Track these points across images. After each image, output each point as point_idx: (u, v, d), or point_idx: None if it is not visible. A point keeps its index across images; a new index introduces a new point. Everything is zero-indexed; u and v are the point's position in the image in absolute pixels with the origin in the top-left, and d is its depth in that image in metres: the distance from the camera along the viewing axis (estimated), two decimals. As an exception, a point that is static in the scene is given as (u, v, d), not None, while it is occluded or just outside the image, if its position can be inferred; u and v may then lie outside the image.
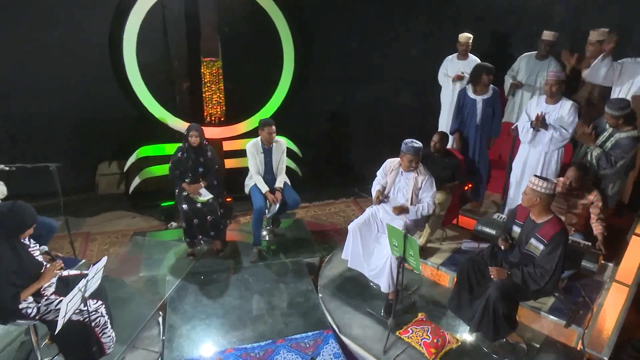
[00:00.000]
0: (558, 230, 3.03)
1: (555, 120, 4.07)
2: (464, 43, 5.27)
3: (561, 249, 3.02)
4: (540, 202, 3.10)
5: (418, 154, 3.79)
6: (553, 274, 3.04)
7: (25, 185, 4.58)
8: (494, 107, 4.76)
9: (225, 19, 5.59)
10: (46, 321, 2.93)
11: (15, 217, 2.81)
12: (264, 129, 4.59)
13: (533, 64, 5.17)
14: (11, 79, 5.39)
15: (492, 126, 4.81)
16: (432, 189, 3.86)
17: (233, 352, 3.49)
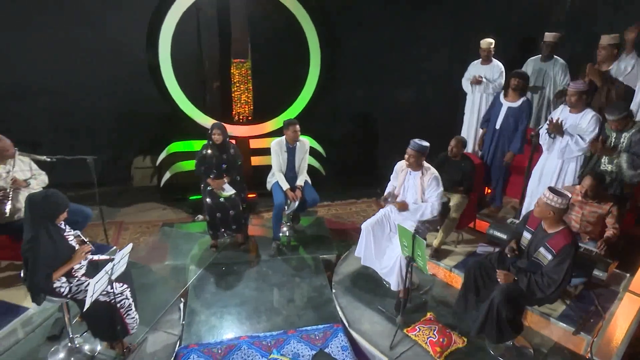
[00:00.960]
0: (568, 243, 3.04)
1: (574, 128, 4.06)
2: (485, 48, 5.28)
3: (569, 261, 3.04)
4: (553, 215, 3.12)
5: (419, 151, 3.88)
6: (560, 284, 3.07)
7: (65, 175, 4.91)
8: (518, 120, 4.69)
9: (255, 23, 5.81)
10: (77, 300, 3.21)
11: (49, 203, 3.09)
12: (288, 128, 4.78)
13: (539, 66, 5.17)
14: (57, 76, 5.81)
15: (512, 139, 4.76)
16: (437, 188, 3.93)
17: (247, 339, 3.70)
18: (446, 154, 4.57)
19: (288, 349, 3.60)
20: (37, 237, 3.04)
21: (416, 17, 6.65)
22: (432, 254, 4.53)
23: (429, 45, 6.82)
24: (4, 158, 3.85)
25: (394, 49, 6.75)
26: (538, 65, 5.23)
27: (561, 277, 3.04)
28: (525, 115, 4.67)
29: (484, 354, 3.58)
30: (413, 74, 6.90)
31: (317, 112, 6.38)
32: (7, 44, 5.56)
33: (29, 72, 5.73)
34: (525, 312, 3.87)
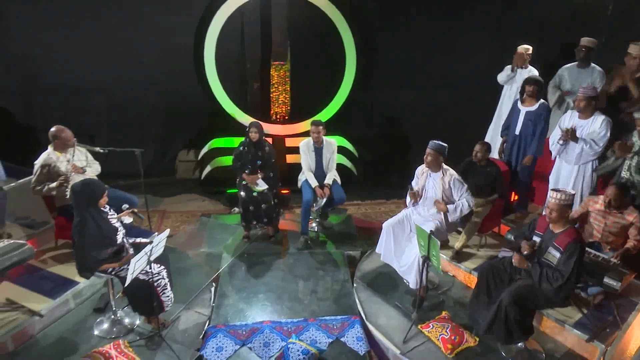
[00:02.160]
0: (572, 239, 3.16)
1: (587, 134, 4.10)
2: (520, 54, 5.30)
3: (577, 257, 3.14)
4: (564, 213, 3.24)
5: (437, 150, 4.05)
6: (567, 280, 3.16)
7: (116, 165, 5.37)
8: (537, 122, 4.75)
9: (295, 27, 6.09)
10: (120, 277, 3.60)
11: (88, 189, 3.49)
12: (312, 128, 5.05)
13: (576, 73, 5.14)
14: (111, 75, 6.34)
15: (532, 144, 4.81)
16: (463, 185, 4.08)
17: (269, 324, 3.99)
18: (471, 159, 4.67)
19: (307, 335, 3.86)
20: (83, 221, 3.45)
21: (452, 21, 6.71)
22: (453, 256, 4.65)
23: (465, 49, 6.85)
24: (66, 147, 4.33)
25: (430, 53, 6.83)
26: (575, 72, 5.20)
27: (568, 272, 3.15)
28: (543, 118, 4.74)
29: (495, 355, 3.70)
30: (448, 77, 6.95)
31: (352, 113, 6.59)
32: (68, 46, 6.12)
33: (87, 71, 6.29)
34: (541, 318, 3.96)
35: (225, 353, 3.68)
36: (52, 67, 6.30)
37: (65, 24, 6.09)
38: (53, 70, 6.31)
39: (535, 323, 3.98)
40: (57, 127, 4.30)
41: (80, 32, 6.13)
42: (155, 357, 3.60)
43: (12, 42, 6.19)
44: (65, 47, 6.16)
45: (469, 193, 4.11)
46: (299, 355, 3.53)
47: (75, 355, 3.58)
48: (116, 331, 3.82)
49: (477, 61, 6.96)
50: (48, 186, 4.23)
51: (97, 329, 3.86)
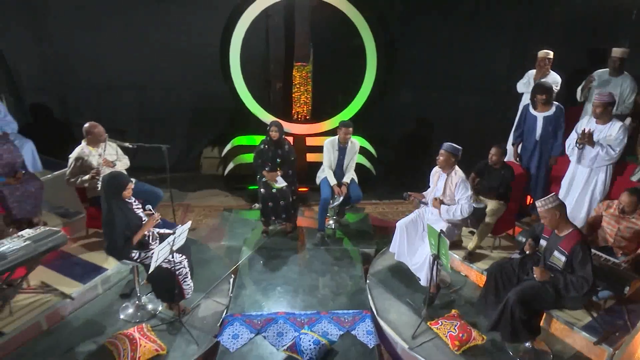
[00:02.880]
0: (576, 242, 3.24)
1: (604, 139, 4.11)
2: (542, 58, 5.32)
3: (589, 257, 3.21)
4: (560, 216, 3.31)
5: (450, 152, 4.16)
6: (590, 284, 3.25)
7: (144, 160, 5.65)
8: (556, 125, 4.80)
9: (317, 30, 6.25)
10: (144, 264, 3.83)
11: (115, 182, 3.72)
12: (342, 129, 5.21)
13: (606, 81, 5.10)
14: (141, 74, 6.67)
15: (553, 145, 4.85)
16: (466, 191, 4.15)
17: (283, 314, 4.16)
18: (486, 162, 4.74)
19: (319, 327, 4.02)
20: (111, 210, 3.69)
21: (475, 24, 6.75)
22: (466, 256, 4.73)
23: (487, 53, 6.87)
24: (98, 142, 4.61)
25: (451, 56, 6.89)
26: (606, 78, 5.18)
27: (590, 276, 3.22)
28: (562, 120, 4.78)
29: (502, 354, 3.77)
30: (469, 80, 6.99)
31: (372, 114, 6.71)
32: (102, 45, 6.46)
33: (119, 70, 6.63)
34: (551, 319, 4.01)
35: (240, 340, 3.88)
36: (86, 66, 6.66)
37: (99, 25, 6.43)
38: (87, 68, 6.67)
39: (545, 325, 4.05)
40: (91, 123, 4.58)
41: (113, 32, 6.45)
42: (175, 341, 3.82)
43: (50, 42, 6.57)
44: (99, 47, 6.50)
45: (470, 200, 4.17)
46: (310, 345, 3.69)
47: (102, 337, 3.83)
48: (140, 316, 4.07)
49: (499, 64, 6.98)
50: (81, 178, 4.51)
51: (123, 313, 4.11)
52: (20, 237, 3.74)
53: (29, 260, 3.64)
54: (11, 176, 4.66)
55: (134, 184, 3.93)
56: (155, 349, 3.67)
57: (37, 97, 6.86)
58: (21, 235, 3.77)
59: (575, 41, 6.28)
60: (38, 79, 6.76)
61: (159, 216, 3.94)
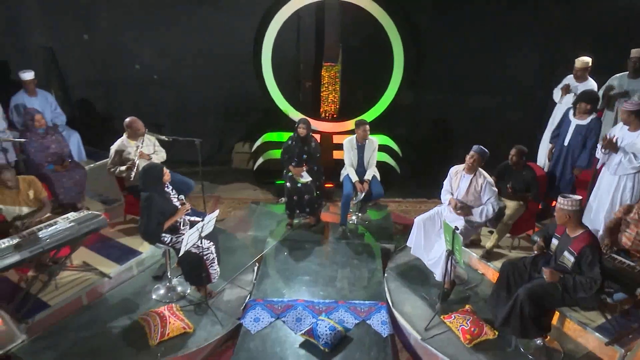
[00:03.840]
0: (586, 243, 3.31)
1: (628, 145, 4.11)
2: (580, 68, 5.30)
3: (598, 259, 3.28)
4: (572, 219, 3.40)
5: (482, 155, 4.25)
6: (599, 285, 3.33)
7: (179, 153, 5.95)
8: (587, 137, 4.78)
9: (347, 31, 6.43)
10: (175, 249, 4.13)
11: (152, 171, 4.07)
12: (359, 127, 5.39)
13: (627, 83, 5.07)
14: (179, 71, 7.05)
15: (581, 156, 4.86)
16: (492, 192, 4.25)
17: (303, 302, 4.39)
18: (507, 163, 4.81)
19: (336, 315, 4.22)
20: (151, 197, 4.01)
21: (504, 27, 6.74)
22: (484, 255, 4.83)
23: (515, 54, 6.86)
24: (137, 136, 4.96)
25: (479, 57, 6.89)
26: (625, 82, 5.16)
27: (599, 277, 3.30)
28: (594, 133, 4.75)
29: (513, 350, 3.86)
30: (497, 82, 6.99)
31: (398, 114, 6.84)
32: (143, 44, 6.88)
33: (158, 67, 7.04)
34: (564, 319, 4.07)
35: (261, 323, 4.13)
36: (129, 63, 7.08)
37: (140, 26, 6.86)
38: (130, 66, 7.09)
39: (558, 324, 4.13)
40: (131, 118, 4.94)
41: (155, 32, 6.86)
42: (201, 321, 4.12)
43: (96, 41, 7.04)
44: (141, 46, 6.92)
45: (496, 199, 4.28)
46: (326, 331, 3.89)
47: (135, 313, 4.17)
48: (170, 296, 4.38)
49: (528, 67, 6.96)
50: (119, 169, 4.88)
51: (155, 294, 4.44)
52: (66, 219, 4.11)
53: (73, 240, 4.00)
54: (59, 164, 5.09)
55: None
56: (183, 327, 3.97)
57: (83, 92, 7.36)
58: (67, 217, 4.14)
59: (607, 44, 6.20)
60: (84, 75, 7.24)
61: (189, 206, 4.24)
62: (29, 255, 3.67)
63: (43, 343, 3.81)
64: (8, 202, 4.16)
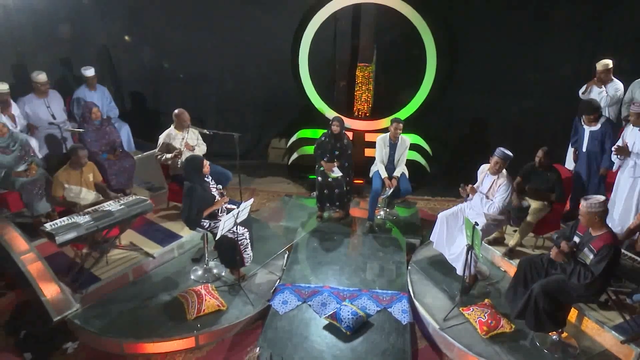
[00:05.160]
0: (608, 243, 3.42)
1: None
2: (600, 71, 5.34)
3: (609, 261, 3.38)
4: (598, 219, 3.50)
5: (504, 159, 4.40)
6: (597, 279, 3.43)
7: (219, 146, 6.36)
8: (603, 139, 4.86)
9: (381, 32, 6.64)
10: (213, 233, 4.49)
11: (194, 161, 4.46)
12: (392, 125, 5.60)
13: None
14: (221, 69, 7.49)
15: (603, 158, 4.92)
16: (505, 193, 4.39)
17: (328, 288, 4.67)
18: (533, 164, 4.91)
19: (359, 302, 4.47)
20: (193, 186, 4.39)
21: (541, 29, 6.76)
22: (507, 253, 4.95)
23: (553, 57, 6.86)
24: (183, 127, 5.38)
25: (516, 59, 6.93)
26: None
27: (598, 272, 3.40)
28: (608, 135, 4.85)
29: (529, 344, 4.00)
30: (533, 84, 7.02)
31: (432, 114, 6.99)
32: (188, 43, 7.34)
33: (202, 65, 7.49)
34: (582, 318, 4.17)
35: (289, 306, 4.44)
36: (175, 61, 7.57)
37: (186, 25, 7.32)
38: (176, 63, 7.58)
39: (576, 322, 4.23)
40: (179, 109, 5.38)
41: (200, 31, 7.30)
42: (234, 301, 4.47)
43: (146, 40, 7.56)
44: (186, 44, 7.38)
45: (502, 201, 4.43)
46: (349, 315, 4.15)
47: (175, 290, 4.58)
48: (207, 277, 4.76)
49: (565, 69, 6.94)
50: (165, 156, 5.30)
51: (193, 274, 4.83)
52: (117, 201, 4.55)
53: (123, 221, 4.44)
54: (111, 153, 5.57)
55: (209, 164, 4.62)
56: (217, 305, 4.33)
57: (133, 87, 7.91)
58: (117, 200, 4.59)
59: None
60: (135, 71, 7.79)
61: (227, 198, 4.61)
62: (85, 232, 4.13)
63: (94, 311, 4.27)
64: (72, 182, 4.66)
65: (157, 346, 4.05)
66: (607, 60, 5.34)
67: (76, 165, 4.66)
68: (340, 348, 4.00)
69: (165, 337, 4.05)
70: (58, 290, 4.20)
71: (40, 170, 5.02)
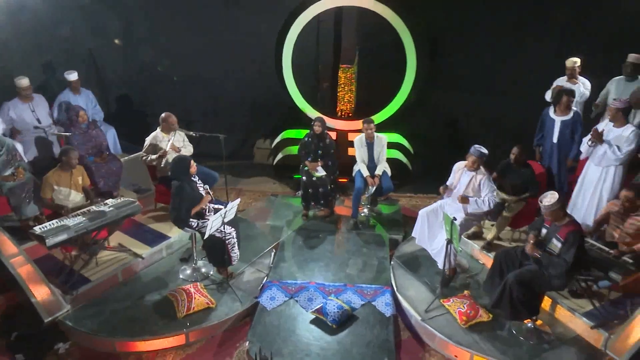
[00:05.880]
0: (572, 230, 3.67)
1: (614, 138, 4.44)
2: (569, 67, 5.60)
3: (577, 246, 3.62)
4: (562, 212, 3.78)
5: (480, 157, 4.61)
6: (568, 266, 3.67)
7: (206, 148, 6.45)
8: (574, 130, 5.13)
9: (363, 35, 6.83)
10: (201, 232, 4.60)
11: (182, 162, 4.56)
12: (363, 126, 5.78)
13: (623, 85, 5.37)
14: (207, 71, 7.57)
15: (571, 148, 5.17)
16: (490, 187, 4.61)
17: (314, 284, 4.82)
18: (509, 161, 5.13)
19: (344, 296, 4.64)
20: (181, 186, 4.50)
21: (519, 30, 6.97)
22: (485, 246, 5.16)
23: (530, 59, 7.08)
24: (170, 130, 5.49)
25: (494, 59, 7.16)
26: (621, 85, 5.44)
27: (571, 259, 3.65)
28: (579, 124, 5.14)
29: (506, 331, 4.21)
30: (510, 85, 7.24)
31: (413, 113, 7.18)
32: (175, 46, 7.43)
33: (188, 67, 7.57)
34: (555, 306, 4.40)
35: (276, 302, 4.58)
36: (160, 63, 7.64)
37: (175, 27, 7.40)
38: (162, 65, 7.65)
39: (550, 310, 4.46)
40: (167, 113, 5.48)
41: (185, 33, 7.40)
42: (222, 298, 4.60)
43: (133, 43, 7.62)
44: (173, 46, 7.46)
45: (494, 194, 4.62)
46: (335, 309, 4.31)
47: (165, 290, 4.68)
48: (195, 276, 4.88)
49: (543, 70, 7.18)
50: (150, 157, 5.40)
51: (182, 274, 4.94)
52: (105, 204, 4.64)
53: (112, 222, 4.53)
54: (98, 156, 5.64)
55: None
56: (207, 302, 4.45)
57: (118, 90, 7.95)
58: (106, 203, 4.68)
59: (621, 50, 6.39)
60: (120, 74, 7.83)
61: (212, 195, 4.73)
62: (74, 234, 4.21)
63: (85, 312, 4.36)
64: (62, 184, 4.73)
65: (149, 344, 4.16)
66: (576, 58, 5.61)
67: (67, 167, 4.73)
68: (327, 341, 4.16)
69: (157, 335, 4.16)
70: (48, 292, 4.27)
71: (28, 174, 5.07)
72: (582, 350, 4.03)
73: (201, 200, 4.62)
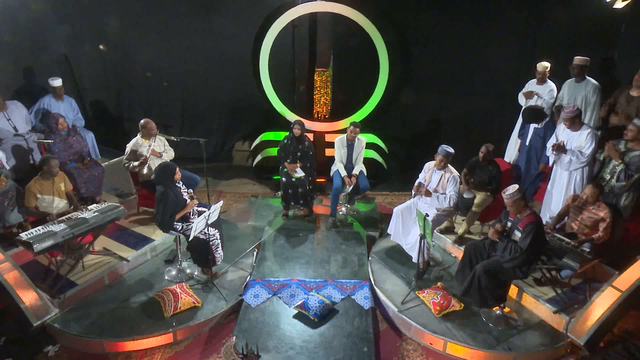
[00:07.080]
0: (531, 220, 4.01)
1: (576, 147, 4.79)
2: (540, 71, 5.94)
3: (533, 234, 3.94)
4: (523, 203, 4.11)
5: (447, 156, 4.90)
6: (525, 252, 4.01)
7: (186, 151, 6.60)
8: (545, 138, 5.50)
9: (337, 39, 7.05)
10: (186, 235, 4.76)
11: (167, 168, 4.69)
12: (350, 128, 6.02)
13: (573, 87, 5.76)
14: (186, 75, 7.70)
15: (543, 153, 5.56)
16: (455, 186, 4.90)
17: (296, 281, 5.03)
18: (477, 159, 5.45)
19: (325, 292, 4.86)
20: (166, 191, 4.64)
21: (484, 31, 7.29)
22: (456, 240, 5.47)
23: (496, 59, 7.43)
24: (150, 135, 5.59)
25: (462, 61, 7.48)
26: (572, 86, 5.83)
27: (525, 246, 3.98)
28: (550, 133, 5.42)
29: (477, 319, 4.51)
30: (479, 84, 7.59)
31: (387, 114, 7.47)
32: (152, 50, 7.50)
33: (166, 71, 7.67)
34: (522, 294, 4.72)
35: (260, 299, 4.77)
36: (138, 68, 7.71)
37: (151, 31, 7.49)
38: (139, 70, 7.72)
39: (517, 298, 4.78)
40: (145, 119, 5.57)
41: (163, 38, 7.48)
42: (208, 297, 4.76)
43: (108, 47, 7.65)
44: (150, 51, 7.54)
45: (455, 192, 4.95)
46: (316, 304, 4.53)
47: (151, 291, 4.82)
48: (180, 277, 5.02)
49: (507, 69, 7.56)
50: (132, 164, 5.51)
51: (167, 275, 5.08)
52: (90, 210, 4.74)
53: (98, 227, 4.64)
54: (80, 162, 5.71)
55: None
56: (193, 302, 4.61)
57: (95, 95, 7.98)
58: (90, 208, 4.78)
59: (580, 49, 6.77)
60: (97, 79, 7.86)
61: (197, 201, 4.88)
62: (61, 240, 4.31)
63: (73, 315, 4.46)
64: (45, 192, 4.81)
65: (137, 343, 4.29)
66: (546, 62, 5.95)
67: (48, 175, 4.82)
68: (310, 334, 4.38)
69: (145, 335, 4.30)
70: (36, 296, 4.35)
71: (10, 181, 5.11)
72: (546, 334, 4.36)
73: (187, 205, 4.77)
